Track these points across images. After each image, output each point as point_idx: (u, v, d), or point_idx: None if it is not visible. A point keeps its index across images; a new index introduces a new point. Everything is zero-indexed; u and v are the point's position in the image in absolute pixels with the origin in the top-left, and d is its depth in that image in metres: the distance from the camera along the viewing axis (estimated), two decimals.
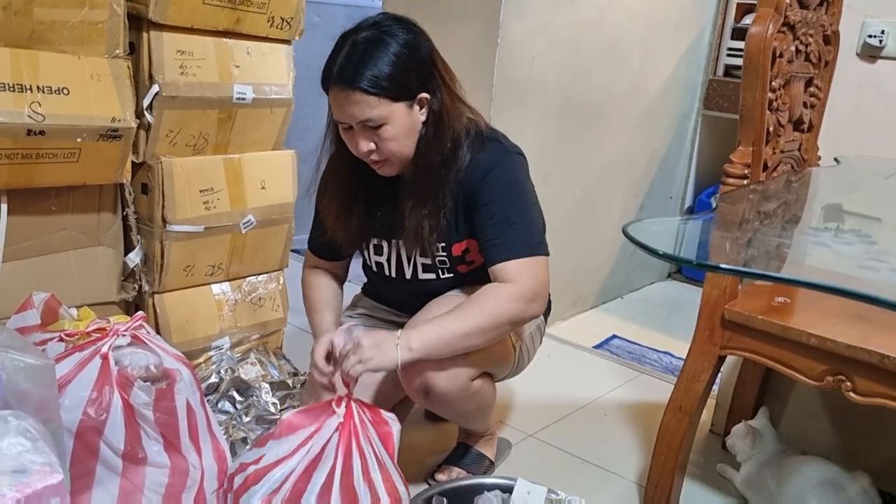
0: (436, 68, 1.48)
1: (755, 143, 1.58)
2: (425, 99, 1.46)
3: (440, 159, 1.50)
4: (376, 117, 1.41)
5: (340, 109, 1.43)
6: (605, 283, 3.07)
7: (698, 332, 1.58)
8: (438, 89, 1.48)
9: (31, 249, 1.62)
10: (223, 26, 1.78)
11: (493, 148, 1.54)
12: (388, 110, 1.41)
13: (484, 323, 1.44)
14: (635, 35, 2.76)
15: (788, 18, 1.60)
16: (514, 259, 1.47)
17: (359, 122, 1.42)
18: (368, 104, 1.40)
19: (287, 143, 2.06)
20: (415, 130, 1.48)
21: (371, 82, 1.38)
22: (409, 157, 1.49)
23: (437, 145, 1.49)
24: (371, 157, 1.47)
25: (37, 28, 1.48)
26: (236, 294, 2.00)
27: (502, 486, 1.49)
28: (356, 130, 1.44)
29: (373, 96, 1.39)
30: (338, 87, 1.41)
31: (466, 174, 1.51)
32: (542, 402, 2.18)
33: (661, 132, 3.11)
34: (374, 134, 1.43)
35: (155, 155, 1.75)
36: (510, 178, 1.53)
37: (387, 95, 1.40)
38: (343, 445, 1.30)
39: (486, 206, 1.50)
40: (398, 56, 1.41)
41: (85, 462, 1.27)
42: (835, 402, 1.88)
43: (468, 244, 1.58)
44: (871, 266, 1.32)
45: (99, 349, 1.29)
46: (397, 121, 1.43)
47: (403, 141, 1.46)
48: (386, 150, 1.46)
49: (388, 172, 1.52)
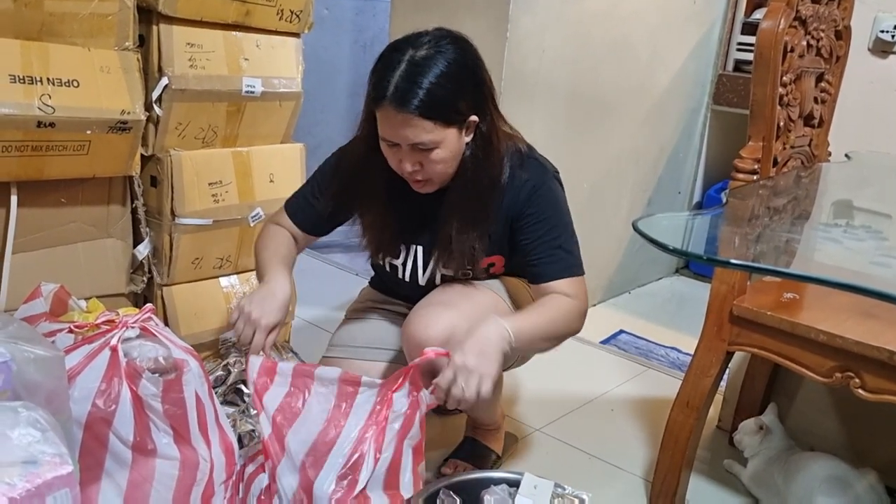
0: (486, 88, 1.46)
1: (765, 138, 1.58)
2: (474, 122, 1.44)
3: (488, 180, 1.49)
4: (429, 142, 1.38)
5: (392, 130, 1.39)
6: (612, 278, 3.06)
7: (706, 328, 1.58)
8: (488, 112, 1.46)
9: (41, 241, 1.63)
10: (232, 19, 1.78)
11: (534, 167, 1.54)
12: (441, 135, 1.39)
13: (559, 332, 1.49)
14: (645, 29, 2.75)
15: (800, 13, 1.60)
16: (565, 279, 1.51)
17: (409, 145, 1.40)
18: (424, 128, 1.36)
19: (295, 136, 2.06)
20: (460, 152, 1.45)
21: (428, 107, 1.35)
22: (450, 176, 1.48)
23: (486, 165, 1.48)
24: (415, 176, 1.45)
25: (47, 20, 1.49)
26: (244, 287, 2.00)
27: (509, 480, 1.49)
28: (403, 150, 1.41)
29: (429, 121, 1.36)
30: (392, 107, 1.36)
31: (511, 193, 1.51)
32: (550, 397, 2.18)
33: (670, 127, 3.10)
34: (423, 156, 1.41)
35: (164, 148, 1.75)
36: (554, 199, 1.54)
37: (442, 120, 1.37)
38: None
39: (534, 226, 1.52)
40: (456, 80, 1.38)
41: (94, 453, 1.27)
42: (843, 398, 1.87)
43: (496, 259, 1.60)
44: (881, 262, 1.32)
45: (108, 341, 1.29)
46: (448, 145, 1.41)
47: (450, 164, 1.45)
48: (431, 171, 1.44)
49: (427, 190, 1.50)
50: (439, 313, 1.51)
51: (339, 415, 1.36)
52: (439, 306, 1.53)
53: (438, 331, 1.48)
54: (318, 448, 1.34)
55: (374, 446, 1.32)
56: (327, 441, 1.34)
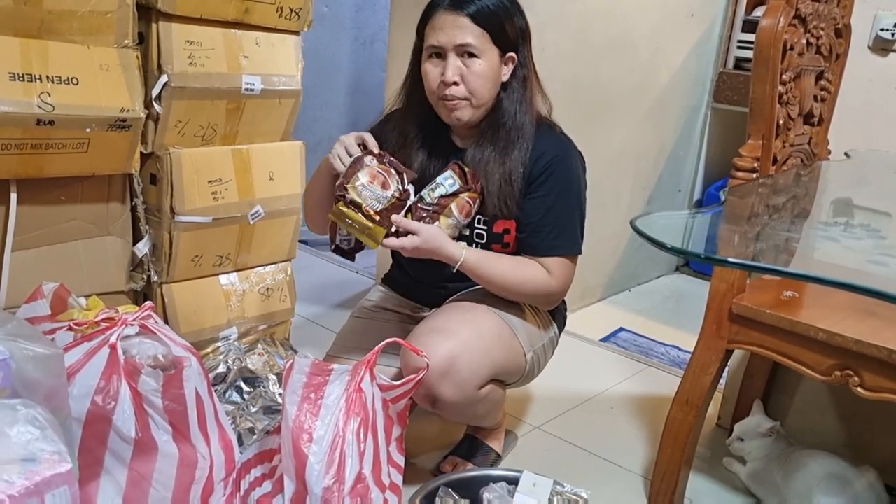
0: (529, 40, 1.56)
1: (765, 136, 1.58)
2: (513, 58, 1.53)
3: (512, 123, 1.54)
4: (475, 45, 1.47)
5: (442, 31, 1.48)
6: (612, 275, 3.06)
7: (706, 326, 1.58)
8: (526, 60, 1.56)
9: (41, 239, 1.63)
10: (232, 17, 1.78)
11: (557, 138, 1.59)
12: (486, 46, 1.48)
13: (518, 290, 1.56)
14: (645, 27, 2.75)
15: (800, 11, 1.59)
16: (555, 256, 1.55)
17: (456, 46, 1.47)
18: (472, 32, 1.46)
19: (295, 134, 2.06)
20: (498, 81, 1.53)
21: (481, 14, 1.46)
22: (485, 104, 1.53)
23: (514, 108, 1.54)
24: (452, 90, 1.50)
25: (46, 18, 1.49)
26: (244, 284, 2.00)
27: (508, 477, 1.49)
28: (450, 58, 1.48)
29: (479, 26, 1.47)
30: (447, 10, 1.47)
31: (532, 157, 1.55)
32: (549, 395, 2.18)
33: (671, 125, 3.09)
34: (465, 64, 1.48)
35: (164, 145, 1.75)
36: (571, 174, 1.57)
37: (489, 32, 1.48)
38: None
39: (544, 196, 1.55)
40: (508, 8, 1.50)
41: (93, 451, 1.27)
42: (842, 396, 1.87)
43: (510, 224, 1.59)
44: (880, 261, 1.32)
45: (107, 339, 1.29)
46: (489, 61, 1.49)
47: (488, 84, 1.51)
48: (470, 85, 1.50)
49: (460, 115, 1.53)
50: (439, 342, 1.48)
51: (312, 405, 1.37)
52: (440, 334, 1.50)
53: (437, 361, 1.46)
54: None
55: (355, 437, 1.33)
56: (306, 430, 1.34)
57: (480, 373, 1.52)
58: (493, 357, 1.54)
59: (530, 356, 1.64)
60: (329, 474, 1.30)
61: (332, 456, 1.31)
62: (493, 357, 1.54)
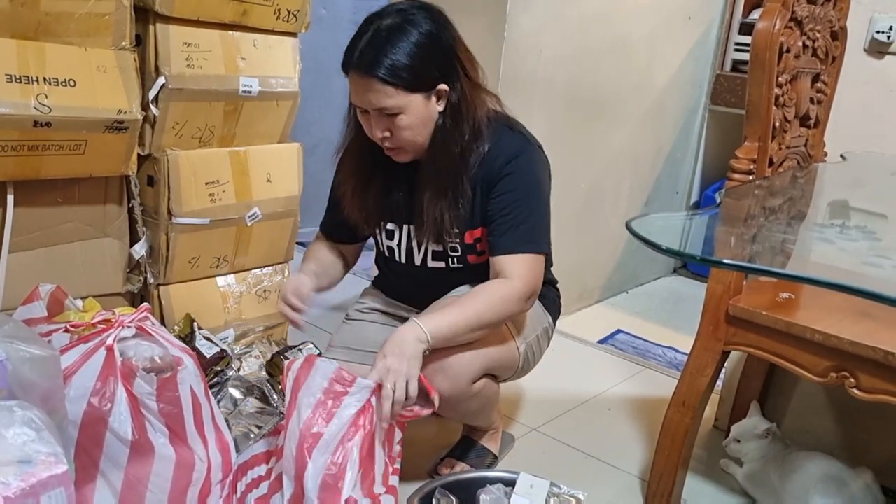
0: (457, 59, 1.48)
1: (761, 138, 1.58)
2: (444, 91, 1.47)
3: (458, 150, 1.51)
4: (392, 106, 1.43)
5: (358, 95, 1.45)
6: (610, 277, 3.07)
7: (702, 328, 1.58)
8: (459, 80, 1.49)
9: (38, 240, 1.63)
10: (229, 19, 1.78)
11: (514, 138, 1.56)
12: (404, 101, 1.43)
13: (488, 321, 1.49)
14: (643, 29, 2.75)
15: (796, 14, 1.60)
16: (518, 254, 1.51)
17: (375, 109, 1.44)
18: (385, 93, 1.41)
19: (293, 135, 2.06)
20: (431, 120, 1.49)
21: (389, 72, 1.40)
22: (423, 145, 1.51)
23: (455, 135, 1.50)
24: (385, 143, 1.50)
25: (43, 19, 1.49)
26: (241, 286, 2.00)
27: (505, 479, 1.49)
28: (372, 116, 1.46)
29: (390, 86, 1.41)
30: (356, 72, 1.43)
31: (487, 162, 1.53)
32: (546, 397, 2.18)
33: (668, 127, 3.10)
34: (390, 121, 1.45)
35: (161, 147, 1.75)
36: (529, 171, 1.54)
37: (404, 86, 1.42)
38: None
39: (502, 196, 1.52)
40: (419, 46, 1.42)
41: (89, 453, 1.27)
42: (838, 398, 1.87)
43: (481, 232, 1.59)
44: (875, 263, 1.32)
45: (104, 341, 1.29)
46: (413, 111, 1.45)
47: (418, 130, 1.48)
48: (400, 139, 1.48)
49: (402, 159, 1.54)
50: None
51: (325, 412, 1.36)
52: None
53: (426, 371, 1.46)
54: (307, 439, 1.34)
55: (358, 451, 1.33)
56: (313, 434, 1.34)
57: (474, 367, 1.53)
58: (485, 350, 1.55)
59: (523, 348, 1.65)
60: (328, 480, 1.30)
61: (333, 463, 1.31)
62: (486, 350, 1.55)
